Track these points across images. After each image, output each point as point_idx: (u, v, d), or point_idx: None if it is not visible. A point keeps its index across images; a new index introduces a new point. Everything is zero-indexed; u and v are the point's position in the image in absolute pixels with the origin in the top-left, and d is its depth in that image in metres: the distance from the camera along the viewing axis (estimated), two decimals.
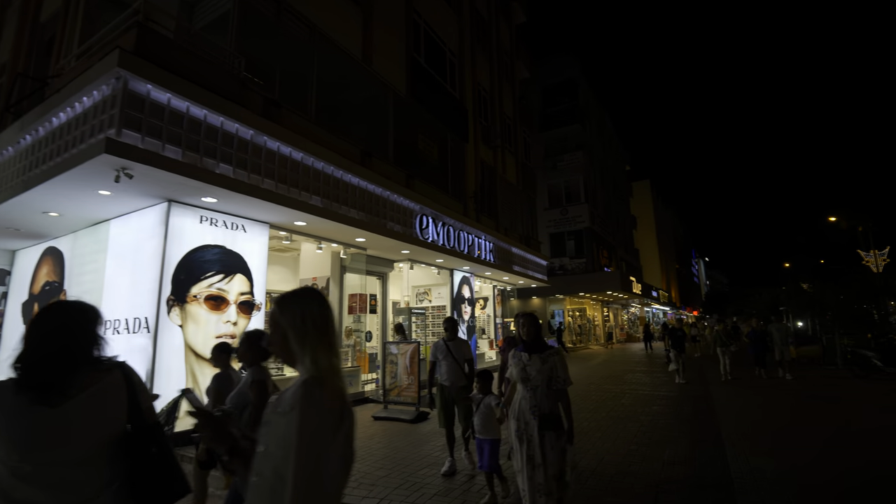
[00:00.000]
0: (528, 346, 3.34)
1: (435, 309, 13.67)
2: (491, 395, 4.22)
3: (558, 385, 3.22)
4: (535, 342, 3.35)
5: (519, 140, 18.84)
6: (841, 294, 13.39)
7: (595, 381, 12.23)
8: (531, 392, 3.20)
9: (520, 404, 3.25)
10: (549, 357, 3.25)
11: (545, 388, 3.19)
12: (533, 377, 3.20)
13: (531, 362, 3.24)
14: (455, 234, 11.75)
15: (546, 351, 3.29)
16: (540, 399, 3.18)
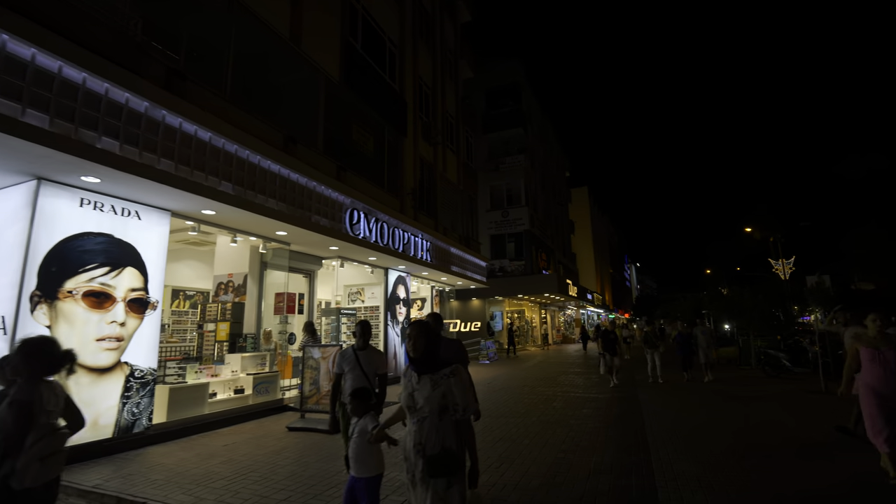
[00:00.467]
0: (417, 363, 2.60)
1: (368, 310, 13.03)
2: (368, 417, 3.24)
3: (456, 415, 2.51)
4: (427, 359, 2.59)
5: (461, 139, 18.59)
6: (757, 297, 14.21)
7: (529, 384, 12.11)
8: (417, 424, 2.52)
9: (405, 439, 2.60)
10: (443, 379, 2.53)
11: (436, 419, 2.49)
12: (420, 405, 2.51)
13: (419, 386, 2.54)
14: (390, 231, 11.20)
15: (439, 371, 2.57)
16: (427, 433, 2.48)
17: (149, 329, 6.41)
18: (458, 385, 2.52)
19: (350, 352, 4.31)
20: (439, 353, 2.60)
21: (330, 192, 9.12)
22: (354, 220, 9.76)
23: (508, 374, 14.68)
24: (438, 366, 2.57)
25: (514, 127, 26.54)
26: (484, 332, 24.87)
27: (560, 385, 11.77)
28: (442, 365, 2.56)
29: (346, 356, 4.30)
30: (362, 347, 4.30)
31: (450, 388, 2.50)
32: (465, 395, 2.53)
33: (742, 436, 6.21)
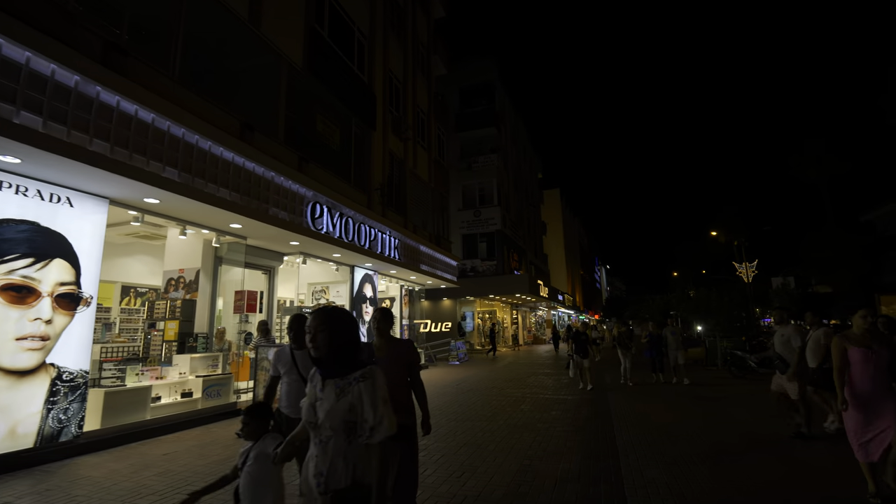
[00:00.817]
0: (319, 364, 1.91)
1: None
2: (268, 437, 2.55)
3: (365, 437, 1.81)
4: (331, 359, 1.87)
5: (433, 136, 18.26)
6: (723, 299, 14.41)
7: (498, 385, 11.86)
8: (320, 448, 1.84)
9: (305, 467, 1.91)
10: (350, 386, 1.83)
11: (342, 442, 1.81)
12: (321, 421, 1.83)
13: (323, 394, 1.86)
14: (355, 227, 10.76)
15: (349, 375, 1.85)
16: (332, 461, 1.80)
17: (81, 327, 5.82)
18: (369, 392, 1.81)
19: (286, 351, 3.58)
20: (356, 352, 1.92)
21: (290, 183, 8.63)
22: (317, 214, 9.29)
23: (478, 375, 14.41)
24: (350, 367, 1.87)
25: (487, 126, 26.39)
26: (455, 332, 24.61)
27: (529, 386, 11.56)
28: (357, 366, 1.88)
29: (282, 356, 3.58)
30: (299, 346, 3.50)
31: (359, 398, 1.81)
32: (378, 407, 1.81)
33: (712, 439, 6.08)
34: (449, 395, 10.20)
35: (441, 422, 7.33)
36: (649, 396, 9.70)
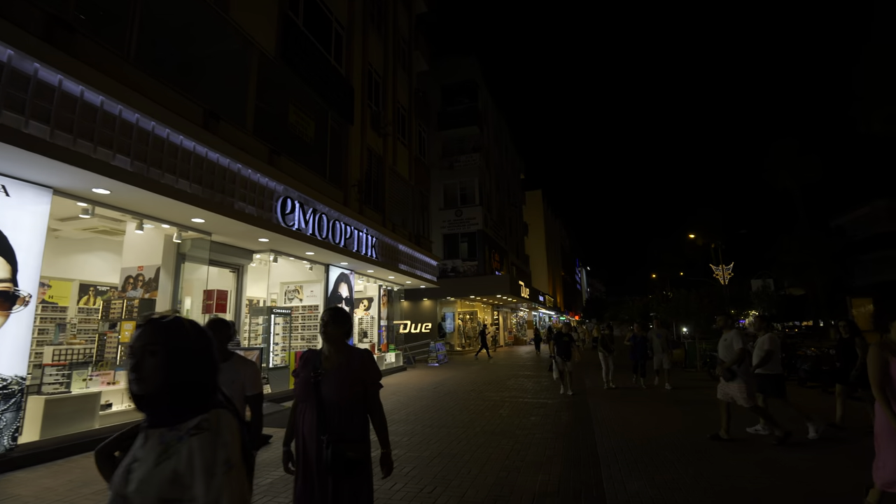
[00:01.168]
0: (146, 406, 1.23)
1: (306, 309, 12.05)
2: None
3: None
4: (170, 397, 1.21)
5: (413, 133, 17.88)
6: (703, 301, 14.39)
7: (477, 388, 11.55)
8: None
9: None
10: (181, 443, 1.17)
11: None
12: (130, 496, 1.14)
13: (143, 453, 1.18)
14: (330, 224, 10.32)
15: (183, 424, 1.19)
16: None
17: (17, 328, 5.28)
18: (203, 452, 1.15)
19: None
20: (206, 388, 1.27)
21: (259, 177, 8.16)
22: (287, 210, 8.83)
23: (457, 377, 14.09)
24: (191, 410, 1.21)
25: (469, 125, 26.11)
26: (435, 333, 24.27)
27: (509, 389, 11.28)
28: (203, 409, 1.22)
29: None
30: (225, 357, 2.89)
31: (188, 463, 1.14)
32: (216, 478, 1.14)
33: (695, 446, 5.85)
34: (426, 399, 9.84)
35: (416, 429, 6.97)
36: (631, 401, 9.50)
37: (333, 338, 2.52)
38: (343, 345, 2.54)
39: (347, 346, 2.56)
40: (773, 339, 6.29)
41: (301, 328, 12.01)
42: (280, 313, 10.48)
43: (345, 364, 2.47)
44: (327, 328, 2.51)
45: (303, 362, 2.55)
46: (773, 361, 6.19)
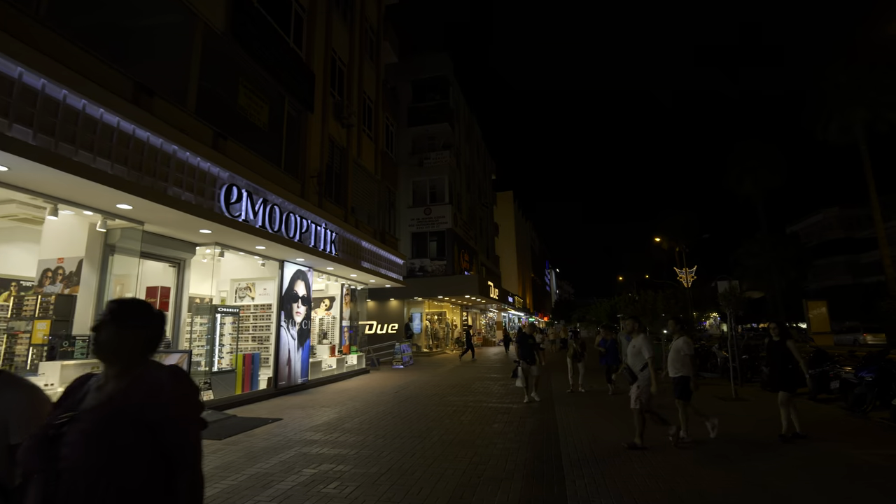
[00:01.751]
0: None
1: (259, 308, 11.24)
2: None
3: None
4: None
5: (380, 126, 17.22)
6: (669, 302, 14.29)
7: (440, 392, 11.01)
8: None
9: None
10: None
11: None
12: None
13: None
14: (283, 216, 9.58)
15: None
16: None
17: None
18: None
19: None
20: None
21: (199, 161, 7.38)
22: (233, 199, 8.06)
23: (421, 380, 13.51)
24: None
25: (440, 121, 25.58)
26: (401, 333, 23.61)
27: (473, 393, 10.78)
28: None
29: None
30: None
31: None
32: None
33: (666, 458, 5.47)
34: (384, 406, 9.22)
35: (367, 440, 6.36)
36: (599, 407, 9.13)
37: (111, 349, 1.40)
38: (131, 362, 1.41)
39: (140, 365, 1.42)
40: (688, 343, 6.34)
41: (252, 328, 11.19)
42: (227, 312, 9.66)
43: (118, 398, 1.34)
44: (100, 333, 1.40)
45: (59, 400, 1.44)
46: (684, 365, 6.26)
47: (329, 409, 8.79)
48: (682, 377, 6.24)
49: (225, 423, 7.44)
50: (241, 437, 6.55)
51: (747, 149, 31.44)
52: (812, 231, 61.70)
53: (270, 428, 7.14)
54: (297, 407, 9.06)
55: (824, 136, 22.19)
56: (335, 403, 9.52)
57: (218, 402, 8.76)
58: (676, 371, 6.31)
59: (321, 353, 14.18)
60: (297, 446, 5.99)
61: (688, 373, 6.21)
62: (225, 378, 9.29)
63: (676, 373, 6.32)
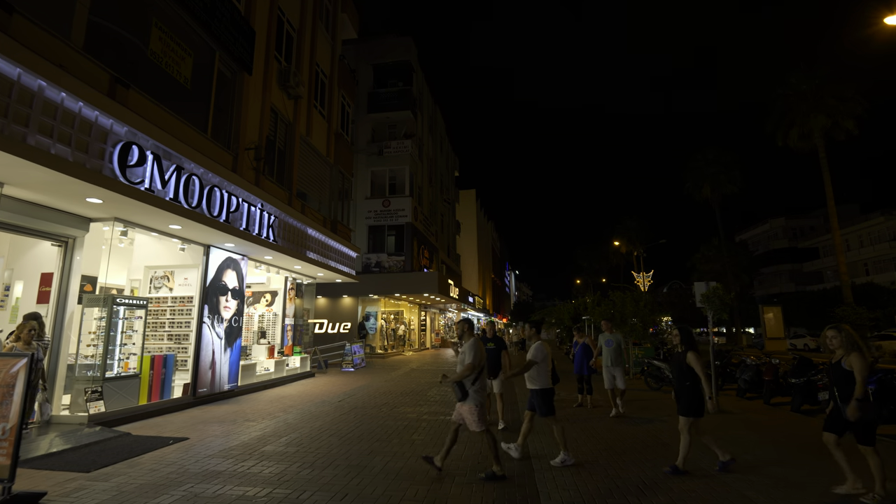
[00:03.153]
0: None
1: (177, 301, 9.49)
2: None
3: None
4: None
5: (335, 105, 15.63)
6: (639, 304, 13.53)
7: (391, 401, 9.64)
8: None
9: None
10: None
11: None
12: None
13: None
14: (206, 190, 7.94)
15: None
16: None
17: None
18: None
19: None
20: None
21: (82, 106, 5.69)
22: (132, 161, 6.39)
23: (371, 385, 12.08)
24: None
25: (402, 109, 24.14)
26: (354, 333, 22.01)
27: (428, 402, 9.48)
28: None
29: None
30: None
31: None
32: None
33: (647, 485, 4.35)
34: (322, 419, 7.76)
35: (289, 471, 4.92)
36: (574, 424, 8.04)
37: None
38: None
39: None
40: (541, 349, 5.47)
41: (169, 325, 9.42)
42: (131, 304, 7.88)
43: None
44: None
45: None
46: (541, 374, 5.41)
47: (254, 425, 7.24)
48: (540, 390, 5.41)
49: (108, 446, 5.78)
50: (120, 467, 4.96)
51: (707, 156, 31.76)
52: (759, 240, 64.45)
53: (166, 452, 5.56)
54: (216, 421, 7.46)
55: (784, 142, 22.41)
56: (264, 415, 7.97)
57: (111, 415, 7.04)
58: (532, 382, 5.47)
59: (257, 354, 12.48)
60: (191, 483, 4.49)
61: (543, 385, 5.40)
62: (125, 385, 7.54)
63: (532, 384, 5.48)
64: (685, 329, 5.28)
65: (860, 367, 3.99)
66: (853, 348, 4.11)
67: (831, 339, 4.34)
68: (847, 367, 4.10)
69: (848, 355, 4.12)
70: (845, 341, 4.20)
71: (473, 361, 4.79)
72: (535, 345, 5.55)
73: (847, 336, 4.22)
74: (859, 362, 4.01)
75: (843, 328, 4.31)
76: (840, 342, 4.25)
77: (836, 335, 4.30)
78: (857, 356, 4.04)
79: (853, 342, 4.14)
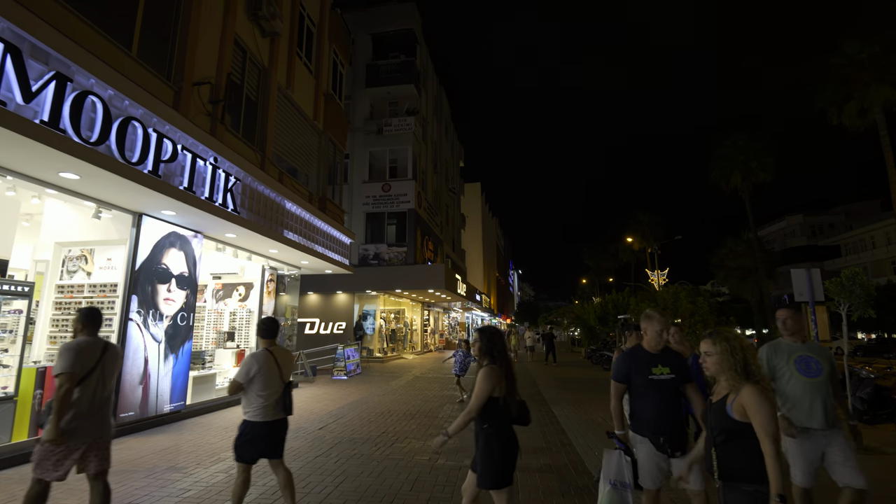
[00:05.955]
0: None
1: (95, 289, 6.88)
2: None
3: None
4: None
5: (325, 61, 13.02)
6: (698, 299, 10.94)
7: (391, 428, 7.04)
8: None
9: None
10: None
11: None
12: None
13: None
14: (116, 122, 5.33)
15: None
16: None
17: None
18: None
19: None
20: None
21: None
22: None
23: (367, 400, 9.48)
24: None
25: (404, 83, 21.54)
26: (350, 334, 19.42)
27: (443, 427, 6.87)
28: None
29: None
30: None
31: None
32: None
33: None
34: (294, 458, 5.15)
35: None
36: None
37: None
38: None
39: None
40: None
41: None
42: (3, 293, 5.26)
43: None
44: None
45: None
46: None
47: (178, 482, 4.64)
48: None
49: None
50: None
51: (736, 141, 29.08)
52: (775, 237, 61.77)
53: None
54: (121, 471, 4.84)
55: (839, 119, 19.83)
56: (206, 456, 5.38)
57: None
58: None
59: (221, 361, 9.88)
60: None
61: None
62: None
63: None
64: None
65: None
66: None
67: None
68: None
69: None
70: None
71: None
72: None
73: None
74: None
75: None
76: None
77: None
78: None
79: None
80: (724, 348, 2.23)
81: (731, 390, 2.18)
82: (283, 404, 3.64)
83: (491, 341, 2.98)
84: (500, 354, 2.92)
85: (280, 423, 3.62)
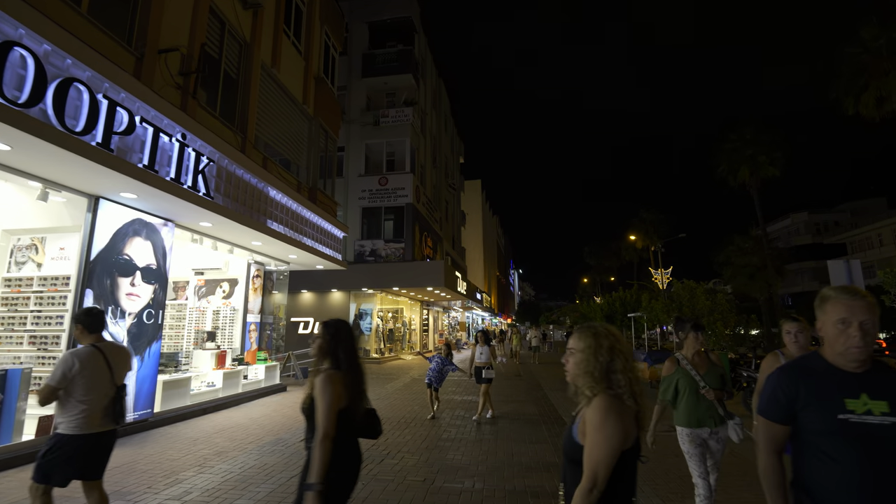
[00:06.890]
0: None
1: (46, 282, 6.06)
2: None
3: None
4: None
5: (315, 41, 12.20)
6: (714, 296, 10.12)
7: (383, 440, 6.22)
8: None
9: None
10: None
11: None
12: None
13: None
14: (53, 83, 4.51)
15: None
16: None
17: None
18: None
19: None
20: None
21: None
22: None
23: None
24: None
25: (402, 72, 20.72)
26: None
27: (442, 442, 6.04)
28: None
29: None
30: None
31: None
32: None
33: None
34: (266, 478, 4.33)
35: None
36: None
37: None
38: None
39: None
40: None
41: (33, 320, 5.98)
42: None
43: None
44: None
45: None
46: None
47: None
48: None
49: None
50: None
51: (744, 135, 28.24)
52: (779, 235, 60.87)
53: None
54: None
55: (856, 108, 19.03)
56: (158, 478, 4.56)
57: None
58: None
59: (199, 363, 9.05)
60: None
61: None
62: None
63: None
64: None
65: None
66: None
67: None
68: None
69: None
70: None
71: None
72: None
73: None
74: None
75: None
76: None
77: None
78: None
79: None
80: (588, 345, 1.64)
81: (585, 404, 1.61)
82: (113, 412, 2.85)
83: (336, 338, 2.26)
84: (346, 355, 2.23)
85: (107, 435, 2.88)
